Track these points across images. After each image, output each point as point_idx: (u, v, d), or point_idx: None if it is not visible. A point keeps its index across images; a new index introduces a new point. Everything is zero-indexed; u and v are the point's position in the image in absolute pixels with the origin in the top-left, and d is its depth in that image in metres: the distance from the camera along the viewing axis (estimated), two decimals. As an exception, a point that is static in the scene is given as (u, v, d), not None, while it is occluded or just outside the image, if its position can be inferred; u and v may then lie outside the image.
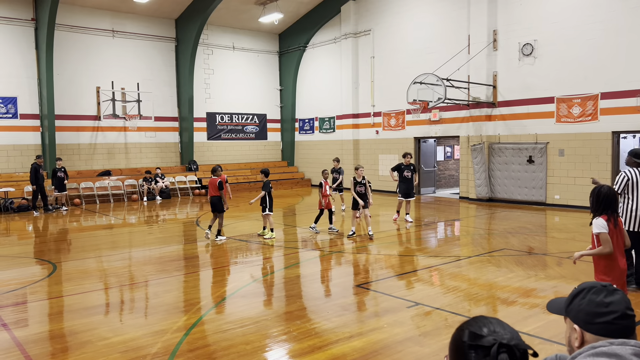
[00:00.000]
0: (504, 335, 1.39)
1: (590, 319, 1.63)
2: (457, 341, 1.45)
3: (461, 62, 16.49)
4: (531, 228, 11.67)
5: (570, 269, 7.96)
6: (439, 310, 6.10)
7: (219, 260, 9.40)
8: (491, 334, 1.39)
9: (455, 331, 1.48)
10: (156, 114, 20.58)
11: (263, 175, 11.23)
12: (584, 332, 1.65)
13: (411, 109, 16.58)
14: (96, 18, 19.49)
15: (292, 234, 11.82)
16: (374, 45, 20.37)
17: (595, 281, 1.70)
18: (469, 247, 9.91)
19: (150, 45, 20.92)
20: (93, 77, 19.47)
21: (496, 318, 1.45)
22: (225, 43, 22.88)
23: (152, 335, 5.37)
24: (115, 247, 10.79)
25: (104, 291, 7.33)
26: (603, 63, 13.80)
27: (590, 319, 1.63)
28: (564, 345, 5.12)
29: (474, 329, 1.42)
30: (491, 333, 1.39)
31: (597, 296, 1.65)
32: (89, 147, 19.62)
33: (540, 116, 15.26)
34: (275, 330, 5.53)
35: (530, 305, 6.26)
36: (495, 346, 1.36)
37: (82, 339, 5.29)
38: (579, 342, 1.66)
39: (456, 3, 17.25)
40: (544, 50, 15.05)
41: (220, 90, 22.87)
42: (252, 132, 24.05)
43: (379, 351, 4.89)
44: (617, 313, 1.59)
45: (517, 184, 15.90)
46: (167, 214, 16.04)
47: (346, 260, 9.08)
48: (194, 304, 6.56)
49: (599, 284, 1.68)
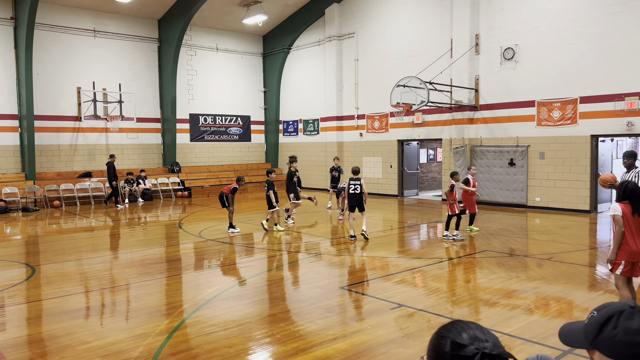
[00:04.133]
0: (485, 344, 1.33)
1: (631, 352, 1.38)
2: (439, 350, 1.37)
3: (444, 65, 16.64)
4: (512, 230, 11.82)
5: (551, 270, 8.08)
6: (422, 311, 6.13)
7: (202, 262, 9.33)
8: (473, 342, 1.33)
9: (434, 337, 1.40)
10: (138, 115, 20.37)
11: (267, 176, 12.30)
12: None
13: (394, 112, 16.69)
14: (77, 17, 19.23)
15: (276, 236, 11.78)
16: (357, 48, 20.45)
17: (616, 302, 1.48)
18: (452, 249, 9.99)
19: (133, 46, 20.71)
20: (74, 77, 19.20)
21: (474, 323, 1.40)
22: (208, 44, 22.75)
23: (134, 338, 5.30)
24: (96, 249, 10.64)
25: (84, 294, 7.22)
26: (582, 68, 14.05)
27: (631, 351, 1.38)
28: (545, 346, 5.18)
29: (454, 336, 1.35)
30: (472, 340, 1.33)
31: (632, 322, 1.40)
32: (69, 149, 19.33)
33: (522, 119, 15.48)
34: (258, 333, 5.51)
35: (512, 306, 6.33)
36: (478, 356, 1.33)
37: (61, 344, 5.20)
38: None
39: (439, 7, 17.42)
40: (525, 54, 15.28)
41: (203, 91, 22.73)
42: (236, 133, 23.94)
43: (362, 353, 4.90)
44: None
45: (498, 187, 16.09)
46: (149, 216, 15.87)
47: (330, 263, 9.08)
48: (176, 307, 6.49)
49: (625, 305, 1.45)
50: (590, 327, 1.48)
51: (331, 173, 15.76)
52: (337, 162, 15.95)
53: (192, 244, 10.86)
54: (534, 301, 6.55)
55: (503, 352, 1.33)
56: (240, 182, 11.97)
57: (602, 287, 7.22)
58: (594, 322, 1.47)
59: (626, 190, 5.41)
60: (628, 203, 5.36)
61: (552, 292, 6.90)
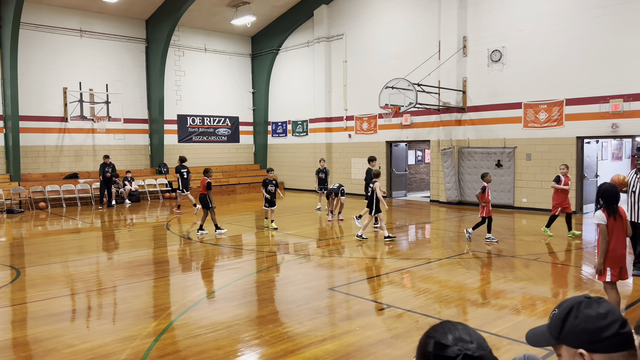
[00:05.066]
0: (469, 345, 1.33)
1: (595, 337, 1.43)
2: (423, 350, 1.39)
3: (432, 67, 16.74)
4: (499, 231, 11.91)
5: (537, 270, 8.16)
6: (410, 312, 6.16)
7: (189, 264, 9.28)
8: (457, 343, 1.34)
9: (422, 337, 1.42)
10: (125, 116, 20.20)
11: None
12: (592, 355, 1.44)
13: (383, 113, 16.74)
14: (63, 17, 19.03)
15: (264, 238, 11.76)
16: (346, 50, 20.49)
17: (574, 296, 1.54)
18: (440, 250, 10.04)
19: (120, 46, 20.55)
20: (60, 77, 19.00)
21: (462, 324, 1.41)
22: (196, 45, 22.65)
23: (121, 341, 5.26)
24: (82, 251, 10.53)
25: (70, 297, 7.15)
26: (568, 70, 14.22)
27: (595, 336, 1.43)
28: (532, 346, 5.21)
29: (439, 337, 1.37)
30: (457, 341, 1.34)
31: (591, 309, 1.46)
32: (55, 150, 19.12)
33: (508, 121, 15.62)
34: (247, 335, 5.49)
35: (499, 306, 6.38)
36: (459, 357, 1.34)
37: (47, 347, 5.14)
38: None
39: (427, 9, 17.52)
40: (512, 57, 15.42)
41: (191, 92, 22.62)
42: (224, 134, 23.85)
43: (351, 354, 4.90)
44: (618, 322, 1.44)
45: (486, 188, 16.18)
46: (136, 218, 15.75)
47: (319, 264, 9.08)
48: (164, 309, 6.45)
49: (582, 297, 1.52)
50: (553, 323, 1.53)
51: (318, 175, 15.78)
52: (323, 163, 15.98)
53: (179, 246, 10.79)
54: (521, 301, 6.61)
55: (486, 354, 1.34)
56: (208, 174, 11.92)
57: (587, 287, 7.31)
58: (557, 318, 1.52)
59: (599, 194, 5.41)
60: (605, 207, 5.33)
61: (538, 292, 6.96)
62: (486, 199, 10.46)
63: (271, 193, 12.41)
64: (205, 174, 11.93)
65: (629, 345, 1.45)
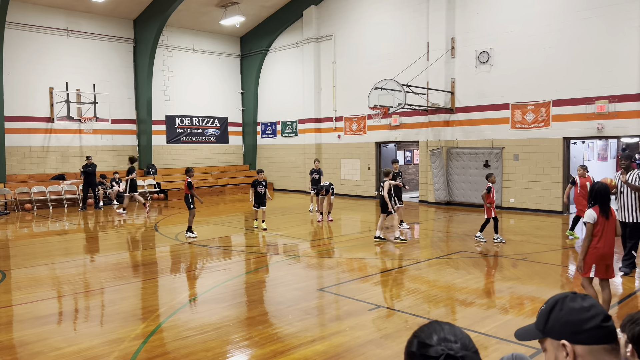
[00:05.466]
0: (453, 345, 1.35)
1: (577, 328, 1.48)
2: (408, 350, 1.42)
3: (420, 68, 16.81)
4: (488, 231, 11.97)
5: (525, 270, 8.23)
6: (399, 312, 6.17)
7: (178, 266, 9.23)
8: (440, 343, 1.35)
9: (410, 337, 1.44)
10: (113, 116, 20.03)
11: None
12: (574, 346, 1.48)
13: (372, 114, 16.78)
14: (50, 16, 18.83)
15: (253, 239, 11.73)
16: (335, 51, 20.51)
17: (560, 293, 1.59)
18: (428, 250, 10.09)
19: (108, 46, 20.37)
20: (46, 77, 18.79)
21: (449, 324, 1.42)
22: (185, 45, 22.54)
23: (109, 344, 5.21)
24: (69, 253, 10.42)
25: (56, 299, 7.07)
26: (555, 72, 14.36)
27: (577, 328, 1.48)
28: (520, 345, 5.26)
29: (424, 337, 1.38)
30: (441, 341, 1.35)
31: (575, 302, 1.52)
32: (41, 150, 18.90)
33: (496, 122, 15.73)
34: (236, 336, 5.47)
35: (488, 306, 6.42)
36: (442, 357, 1.35)
37: (33, 350, 5.08)
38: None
39: (416, 10, 17.59)
40: (499, 58, 15.54)
41: (180, 92, 22.49)
42: (213, 135, 23.75)
43: (341, 354, 4.90)
44: (601, 315, 1.49)
45: (474, 188, 16.30)
46: (124, 219, 15.61)
47: (309, 265, 9.07)
48: (152, 311, 6.40)
49: (567, 292, 1.58)
50: (540, 317, 1.59)
51: (311, 175, 15.74)
52: (317, 164, 15.98)
53: (168, 247, 10.72)
54: (508, 301, 6.66)
55: (469, 355, 1.35)
56: (190, 173, 11.64)
57: (574, 286, 7.38)
58: (543, 312, 1.58)
59: (592, 193, 5.53)
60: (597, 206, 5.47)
61: (526, 292, 7.02)
62: (491, 199, 10.47)
63: (261, 194, 12.33)
64: (186, 174, 11.68)
65: (611, 339, 1.49)
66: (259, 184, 12.37)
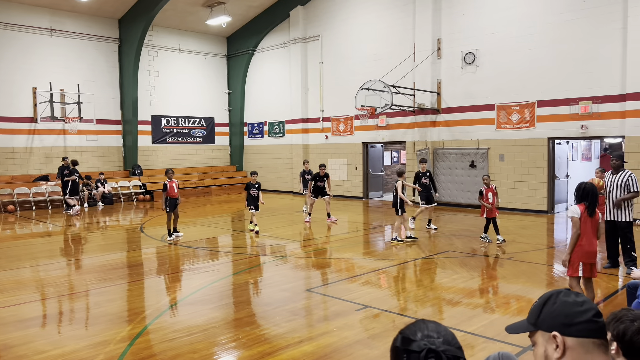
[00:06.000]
0: (435, 340, 1.38)
1: (569, 321, 1.51)
2: (392, 345, 1.46)
3: (407, 69, 16.89)
4: (474, 230, 12.08)
5: (511, 269, 8.30)
6: (387, 312, 6.19)
7: (164, 267, 9.15)
8: (424, 339, 1.39)
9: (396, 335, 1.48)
10: (98, 117, 19.81)
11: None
12: (565, 338, 1.51)
13: (359, 115, 16.82)
14: (33, 16, 18.57)
15: (241, 239, 11.69)
16: (322, 51, 20.52)
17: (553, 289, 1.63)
18: (415, 250, 10.13)
19: (92, 46, 20.15)
20: (29, 77, 18.52)
21: (434, 322, 1.45)
22: (171, 45, 22.38)
23: (94, 346, 5.15)
24: (53, 255, 10.28)
25: (41, 302, 6.97)
26: (539, 73, 14.52)
27: (569, 320, 1.51)
28: (506, 344, 5.29)
29: (408, 333, 1.42)
30: (424, 338, 1.39)
31: (569, 297, 1.56)
32: (24, 151, 18.63)
33: (482, 122, 15.86)
34: (223, 338, 5.44)
35: (474, 305, 6.47)
36: (424, 352, 1.37)
37: (17, 353, 5.00)
38: (561, 351, 1.51)
39: (402, 11, 17.67)
40: (485, 59, 15.67)
41: (165, 92, 22.32)
42: (199, 135, 23.62)
43: (329, 355, 4.90)
44: (593, 310, 1.52)
45: (460, 188, 16.42)
46: (109, 221, 15.46)
47: (296, 265, 9.06)
48: (138, 313, 6.35)
49: (560, 289, 1.62)
50: (532, 311, 1.62)
51: (303, 177, 15.57)
52: (308, 165, 15.75)
53: (154, 249, 10.63)
54: (495, 300, 6.72)
55: (451, 349, 1.37)
56: (167, 174, 11.22)
57: (559, 284, 7.47)
58: (536, 306, 1.62)
59: (580, 191, 5.60)
60: (584, 204, 5.55)
61: (512, 291, 7.09)
62: (487, 200, 10.48)
63: (254, 197, 12.10)
64: (167, 175, 11.27)
65: (601, 334, 1.52)
66: (252, 187, 12.17)
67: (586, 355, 1.49)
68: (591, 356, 1.50)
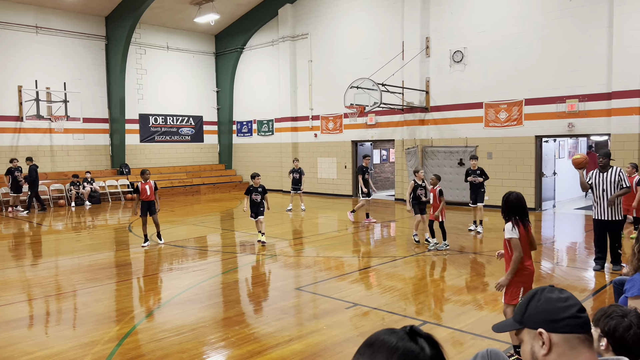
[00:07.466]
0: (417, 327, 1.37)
1: (554, 317, 1.52)
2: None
3: (396, 67, 16.93)
4: (462, 228, 12.15)
5: (499, 266, 8.36)
6: (376, 310, 6.21)
7: (153, 267, 9.09)
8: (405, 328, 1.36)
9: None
10: (85, 115, 19.62)
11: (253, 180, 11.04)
12: (550, 335, 1.52)
13: (348, 113, 16.83)
14: (18, 13, 18.33)
15: (230, 239, 11.64)
16: (311, 49, 20.50)
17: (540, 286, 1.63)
18: (404, 248, 10.17)
19: (79, 43, 19.94)
20: (14, 75, 18.28)
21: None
22: (159, 43, 22.21)
23: (82, 347, 5.10)
24: (39, 255, 10.17)
25: (27, 303, 6.89)
26: (527, 71, 14.63)
27: (554, 316, 1.52)
28: (495, 340, 5.33)
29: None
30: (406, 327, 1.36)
31: (552, 293, 1.57)
32: (9, 150, 18.39)
33: (470, 121, 15.95)
34: (213, 337, 5.42)
35: (463, 302, 6.51)
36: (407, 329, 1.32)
37: (3, 355, 4.94)
38: (547, 348, 1.51)
39: (391, 10, 17.70)
40: (473, 57, 15.75)
41: (153, 91, 22.16)
42: (188, 134, 23.48)
43: (318, 353, 4.90)
44: (577, 305, 1.54)
45: (448, 186, 16.49)
46: (96, 220, 15.32)
47: (285, 264, 9.05)
48: (126, 313, 6.30)
49: (545, 286, 1.63)
50: (518, 309, 1.64)
51: (292, 175, 15.62)
52: (297, 163, 15.90)
53: (142, 248, 10.55)
54: (483, 297, 6.76)
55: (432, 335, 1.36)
56: (144, 175, 10.48)
57: (547, 281, 7.54)
58: (521, 304, 1.63)
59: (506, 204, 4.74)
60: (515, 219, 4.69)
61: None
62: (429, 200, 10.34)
63: (256, 202, 10.60)
64: (142, 176, 10.52)
65: (586, 329, 1.54)
66: (254, 191, 10.61)
67: (571, 351, 1.51)
68: (576, 351, 1.51)
